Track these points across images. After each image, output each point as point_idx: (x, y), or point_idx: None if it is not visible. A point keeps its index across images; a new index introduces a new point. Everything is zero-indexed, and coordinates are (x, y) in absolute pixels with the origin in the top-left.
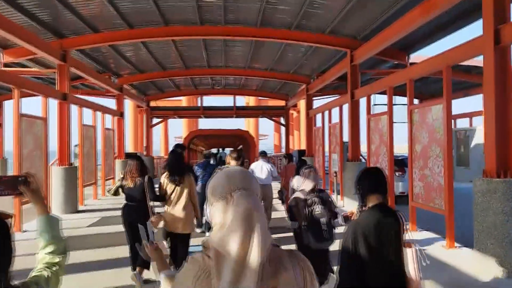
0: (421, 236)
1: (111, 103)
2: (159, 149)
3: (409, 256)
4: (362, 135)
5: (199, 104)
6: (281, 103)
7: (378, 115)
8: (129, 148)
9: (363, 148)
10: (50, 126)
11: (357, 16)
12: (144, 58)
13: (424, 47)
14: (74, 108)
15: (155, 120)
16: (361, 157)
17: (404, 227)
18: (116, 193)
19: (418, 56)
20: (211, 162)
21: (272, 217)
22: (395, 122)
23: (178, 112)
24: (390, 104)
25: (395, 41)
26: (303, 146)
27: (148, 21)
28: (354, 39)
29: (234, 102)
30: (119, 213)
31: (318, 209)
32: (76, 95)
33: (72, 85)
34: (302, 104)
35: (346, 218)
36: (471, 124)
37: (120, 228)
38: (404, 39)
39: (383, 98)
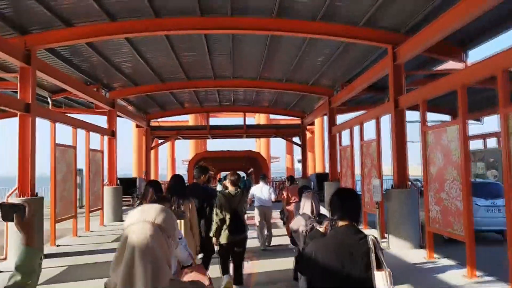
0: (440, 264)
1: (103, 121)
2: (165, 174)
3: (379, 279)
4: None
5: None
6: (294, 121)
7: (441, 126)
8: (133, 172)
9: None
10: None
11: (400, 4)
12: (139, 68)
13: (485, 42)
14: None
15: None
16: (409, 183)
17: (377, 251)
18: None
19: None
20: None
21: (273, 235)
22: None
23: (181, 132)
24: (464, 109)
25: (449, 34)
26: (318, 169)
27: (134, 11)
28: (397, 32)
29: (244, 120)
30: (97, 258)
31: None
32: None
33: (54, 99)
34: (317, 123)
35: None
36: (485, 146)
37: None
38: (460, 32)
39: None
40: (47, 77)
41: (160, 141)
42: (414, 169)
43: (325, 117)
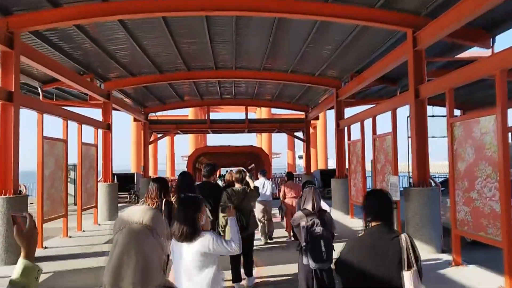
0: (469, 272)
1: (99, 114)
2: (164, 169)
3: (406, 279)
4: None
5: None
6: (297, 116)
7: (472, 117)
8: (132, 168)
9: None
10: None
11: None
12: (136, 57)
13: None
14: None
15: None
16: (431, 181)
17: (408, 251)
18: None
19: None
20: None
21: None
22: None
23: (181, 126)
24: (503, 97)
25: (475, 18)
26: (320, 165)
27: None
28: (417, 15)
29: (246, 114)
30: (86, 263)
31: (318, 230)
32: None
33: (45, 90)
34: (319, 118)
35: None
36: None
37: None
38: (486, 15)
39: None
40: (34, 64)
41: (159, 135)
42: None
43: (327, 112)
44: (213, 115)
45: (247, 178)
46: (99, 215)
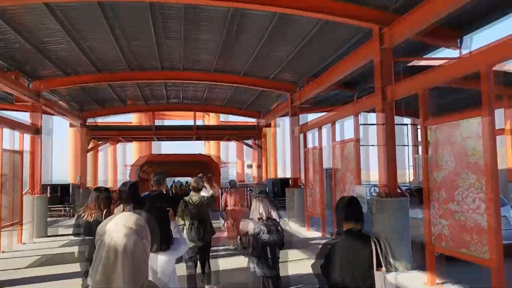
0: None
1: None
2: (106, 179)
3: (377, 278)
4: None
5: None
6: (247, 123)
7: (451, 119)
8: (70, 178)
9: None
10: None
11: None
12: (70, 53)
13: (483, 28)
14: None
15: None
16: (400, 190)
17: (379, 252)
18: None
19: None
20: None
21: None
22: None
23: (123, 132)
24: (490, 96)
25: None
26: (272, 174)
27: None
28: (384, 10)
29: (195, 120)
30: None
31: (264, 237)
32: None
33: None
34: (272, 124)
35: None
36: None
37: None
38: (455, 15)
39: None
40: None
41: (99, 142)
42: (374, 175)
43: (279, 119)
44: (160, 122)
45: (207, 186)
46: (25, 233)
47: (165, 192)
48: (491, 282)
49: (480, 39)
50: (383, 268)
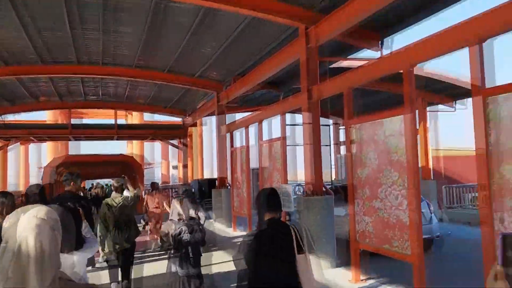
0: None
1: None
2: (16, 183)
3: (300, 262)
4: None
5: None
6: (172, 122)
7: (374, 118)
8: None
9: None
10: None
11: None
12: None
13: (401, 30)
14: None
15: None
16: (325, 188)
17: (297, 238)
18: None
19: None
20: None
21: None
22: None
23: (35, 131)
24: (411, 95)
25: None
26: (197, 175)
27: None
28: (310, 9)
29: (116, 119)
30: None
31: (185, 237)
32: None
33: None
34: (198, 124)
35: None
36: None
37: None
38: (376, 18)
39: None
40: None
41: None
42: (301, 174)
43: (205, 119)
44: (79, 121)
45: (129, 187)
46: None
47: (77, 193)
48: (412, 276)
49: (400, 41)
50: (306, 252)
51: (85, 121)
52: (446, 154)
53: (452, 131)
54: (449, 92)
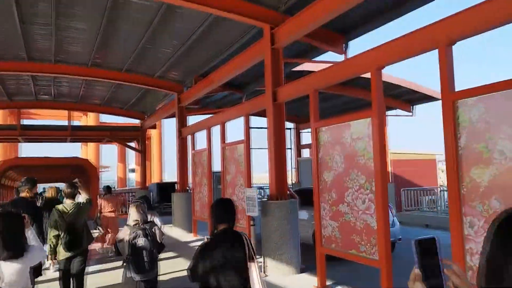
0: None
1: None
2: None
3: (251, 270)
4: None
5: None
6: (130, 124)
7: (342, 120)
8: None
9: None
10: None
11: None
12: None
13: (365, 33)
14: None
15: None
16: (289, 192)
17: (249, 246)
18: None
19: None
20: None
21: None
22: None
23: None
24: (379, 96)
25: (330, 20)
26: (155, 178)
27: None
28: (275, 10)
29: (69, 120)
30: None
31: (140, 241)
32: None
33: None
34: (157, 126)
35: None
36: None
37: None
38: (340, 20)
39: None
40: None
41: None
42: (262, 178)
43: (164, 121)
44: (31, 122)
45: (82, 192)
46: None
47: (32, 200)
48: (379, 280)
49: (364, 45)
50: (255, 261)
51: (39, 122)
52: (398, 157)
53: (407, 135)
54: (405, 98)
